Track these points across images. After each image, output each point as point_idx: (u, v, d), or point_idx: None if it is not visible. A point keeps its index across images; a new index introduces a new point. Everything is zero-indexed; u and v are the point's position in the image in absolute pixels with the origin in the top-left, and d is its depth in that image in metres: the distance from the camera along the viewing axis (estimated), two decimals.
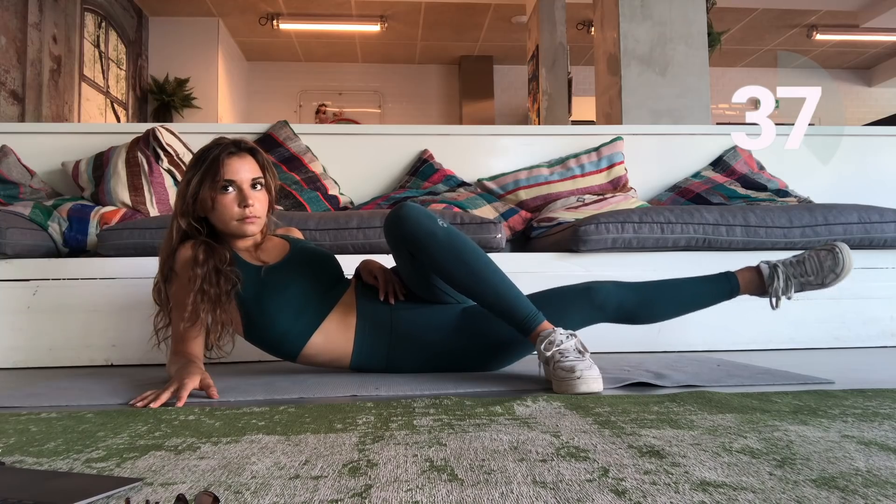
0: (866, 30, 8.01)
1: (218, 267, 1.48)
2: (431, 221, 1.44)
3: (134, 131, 2.70)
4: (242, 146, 1.56)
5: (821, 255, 1.63)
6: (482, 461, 0.80)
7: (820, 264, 1.62)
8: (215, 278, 1.47)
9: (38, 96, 5.30)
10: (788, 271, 1.63)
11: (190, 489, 0.71)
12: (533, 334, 1.40)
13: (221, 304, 1.46)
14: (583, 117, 7.48)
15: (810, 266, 1.63)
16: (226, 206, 1.52)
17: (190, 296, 1.45)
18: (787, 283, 1.63)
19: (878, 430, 0.93)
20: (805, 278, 1.63)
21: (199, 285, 1.45)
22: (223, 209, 1.52)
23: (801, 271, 1.63)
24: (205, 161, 1.51)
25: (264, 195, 1.56)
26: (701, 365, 1.71)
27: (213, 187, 1.50)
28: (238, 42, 8.34)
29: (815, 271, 1.62)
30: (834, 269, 1.61)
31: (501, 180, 2.83)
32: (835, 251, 1.62)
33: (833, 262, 1.61)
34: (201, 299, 1.44)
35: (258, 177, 1.55)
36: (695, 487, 0.69)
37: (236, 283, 1.49)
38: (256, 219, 1.54)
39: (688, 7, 4.01)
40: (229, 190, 1.51)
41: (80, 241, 2.31)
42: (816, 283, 1.63)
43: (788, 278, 1.63)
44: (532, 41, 6.44)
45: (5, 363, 2.03)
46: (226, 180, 1.50)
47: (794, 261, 1.65)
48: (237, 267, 1.52)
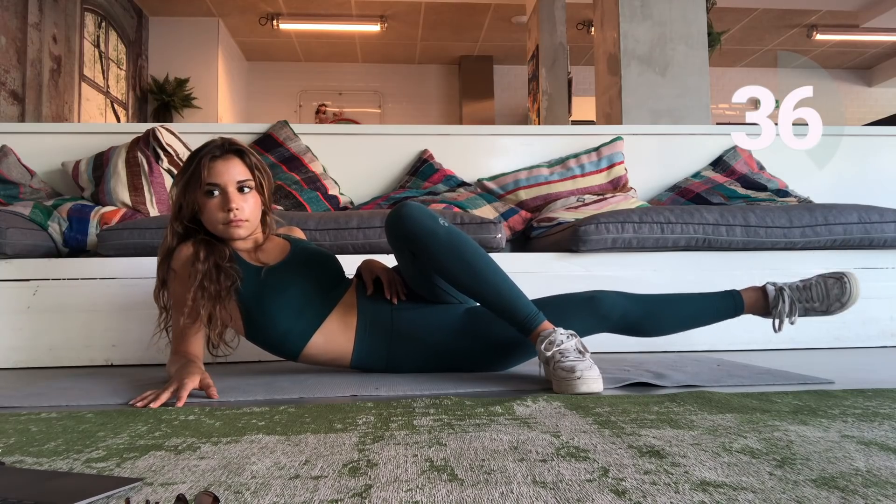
0: (866, 30, 8.01)
1: (218, 263, 1.48)
2: (433, 221, 1.44)
3: (134, 131, 2.70)
4: (228, 147, 1.53)
5: (828, 283, 1.62)
6: (482, 461, 0.80)
7: (826, 292, 1.61)
8: (216, 274, 1.46)
9: (38, 96, 5.30)
10: (794, 295, 1.62)
11: (190, 489, 0.71)
12: (533, 334, 1.40)
13: (221, 300, 1.46)
14: (583, 117, 7.48)
15: (816, 292, 1.62)
16: (211, 211, 1.51)
17: (190, 292, 1.44)
18: (791, 307, 1.62)
19: (878, 430, 0.93)
20: (810, 304, 1.62)
21: (199, 281, 1.44)
22: (209, 214, 1.51)
23: (806, 296, 1.62)
24: (189, 166, 1.51)
25: (253, 197, 1.54)
26: (701, 365, 1.71)
27: (198, 192, 1.50)
28: (238, 42, 8.34)
29: (821, 298, 1.61)
30: (840, 297, 1.60)
31: (501, 180, 2.83)
32: (843, 280, 1.61)
33: (840, 291, 1.60)
34: (201, 295, 1.44)
35: (245, 179, 1.52)
36: (695, 487, 0.69)
37: (236, 279, 1.49)
38: (244, 222, 1.52)
39: (688, 7, 4.01)
40: (214, 194, 1.50)
41: (80, 241, 2.31)
42: (821, 309, 1.62)
43: (793, 302, 1.62)
44: (532, 41, 6.44)
45: (5, 363, 2.03)
46: (209, 184, 1.49)
47: (800, 286, 1.64)
48: (238, 265, 1.52)
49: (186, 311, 1.44)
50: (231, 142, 1.55)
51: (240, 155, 1.54)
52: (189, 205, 1.52)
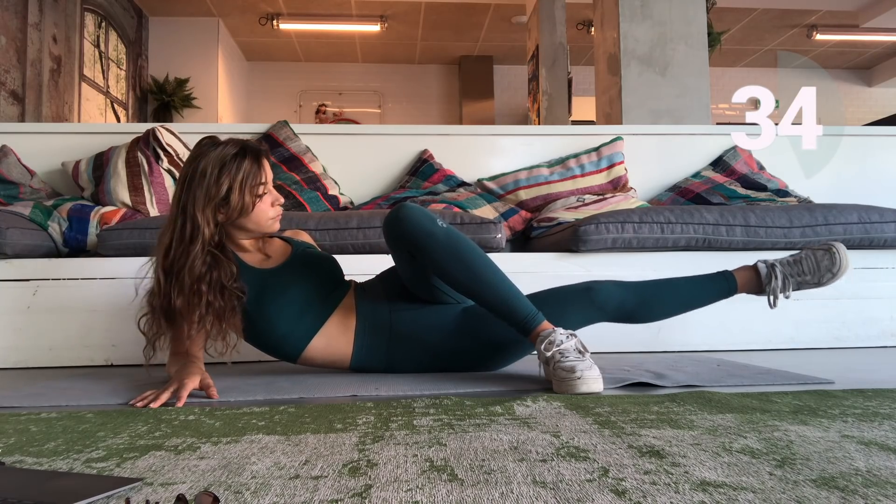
0: (866, 30, 8.01)
1: (223, 283, 1.44)
2: (431, 222, 1.44)
3: (134, 131, 2.69)
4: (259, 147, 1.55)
5: (818, 255, 1.64)
6: (482, 461, 0.80)
7: (817, 264, 1.64)
8: (220, 294, 1.43)
9: (38, 96, 5.30)
10: (786, 270, 1.65)
11: (190, 489, 0.71)
12: (533, 334, 1.40)
13: (226, 318, 1.44)
14: (583, 117, 7.48)
15: (807, 265, 1.64)
16: (263, 209, 1.53)
17: (195, 312, 1.41)
18: (784, 282, 1.64)
19: (878, 430, 0.93)
20: (802, 277, 1.64)
21: (204, 300, 1.41)
22: (261, 213, 1.53)
23: (798, 270, 1.64)
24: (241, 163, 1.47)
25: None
26: (701, 365, 1.71)
27: (255, 190, 1.49)
28: (238, 42, 8.34)
29: (812, 270, 1.64)
30: (831, 268, 1.63)
31: (501, 180, 2.83)
32: (832, 251, 1.63)
33: (830, 262, 1.63)
34: (206, 312, 1.41)
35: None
36: (695, 487, 0.69)
37: (241, 297, 1.46)
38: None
39: (688, 7, 4.01)
40: (266, 191, 1.54)
41: (80, 241, 2.31)
42: (813, 282, 1.64)
43: (786, 277, 1.64)
44: (532, 41, 6.44)
45: (5, 363, 2.03)
46: (263, 183, 1.52)
47: (791, 260, 1.66)
48: (240, 271, 1.49)
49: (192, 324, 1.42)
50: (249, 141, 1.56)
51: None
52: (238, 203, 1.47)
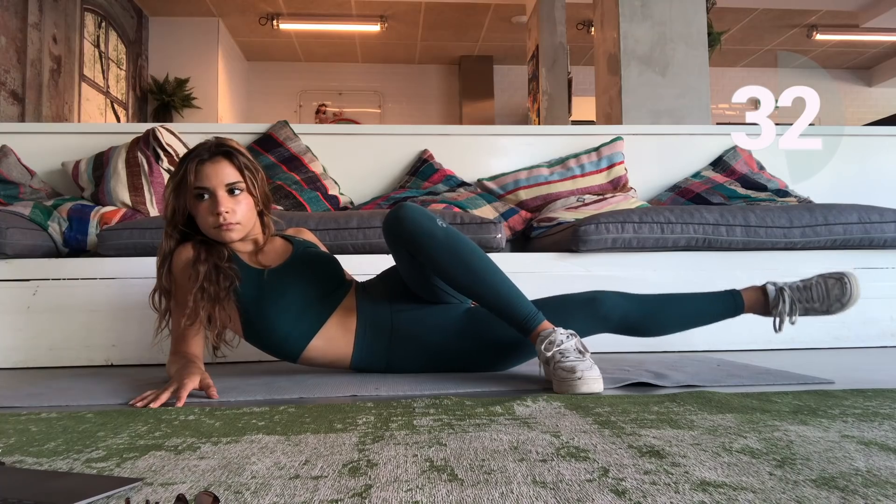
0: (866, 30, 8.01)
1: (217, 264, 1.48)
2: (430, 222, 1.44)
3: (134, 131, 2.69)
4: (216, 150, 1.50)
5: (829, 283, 1.62)
6: (482, 461, 0.80)
7: (827, 292, 1.61)
8: (215, 276, 1.47)
9: (38, 96, 5.30)
10: (794, 295, 1.62)
11: (190, 489, 0.71)
12: (533, 334, 1.40)
13: (221, 301, 1.46)
14: (583, 117, 7.47)
15: (817, 293, 1.62)
16: (202, 216, 1.50)
17: (190, 294, 1.45)
18: (791, 307, 1.62)
19: (878, 430, 0.93)
20: (810, 304, 1.62)
21: (199, 282, 1.45)
22: (200, 218, 1.50)
23: (807, 297, 1.62)
24: (179, 170, 1.50)
25: (245, 199, 1.51)
26: (701, 365, 1.71)
27: (188, 196, 1.49)
28: (238, 42, 8.34)
29: (822, 298, 1.61)
30: (840, 298, 1.60)
31: (501, 180, 2.83)
32: (843, 280, 1.61)
33: (840, 292, 1.60)
34: (201, 297, 1.44)
35: (234, 181, 1.49)
36: (695, 487, 0.69)
37: (234, 280, 1.49)
38: (235, 225, 1.49)
39: (688, 7, 4.01)
40: (204, 198, 1.49)
41: (80, 241, 2.31)
42: (821, 310, 1.62)
43: (794, 302, 1.62)
44: (532, 41, 6.44)
45: (5, 363, 2.03)
46: (197, 188, 1.48)
47: (801, 285, 1.64)
48: (237, 268, 1.52)
49: (187, 312, 1.45)
50: (221, 143, 1.52)
51: (228, 156, 1.50)
52: (181, 209, 1.51)
